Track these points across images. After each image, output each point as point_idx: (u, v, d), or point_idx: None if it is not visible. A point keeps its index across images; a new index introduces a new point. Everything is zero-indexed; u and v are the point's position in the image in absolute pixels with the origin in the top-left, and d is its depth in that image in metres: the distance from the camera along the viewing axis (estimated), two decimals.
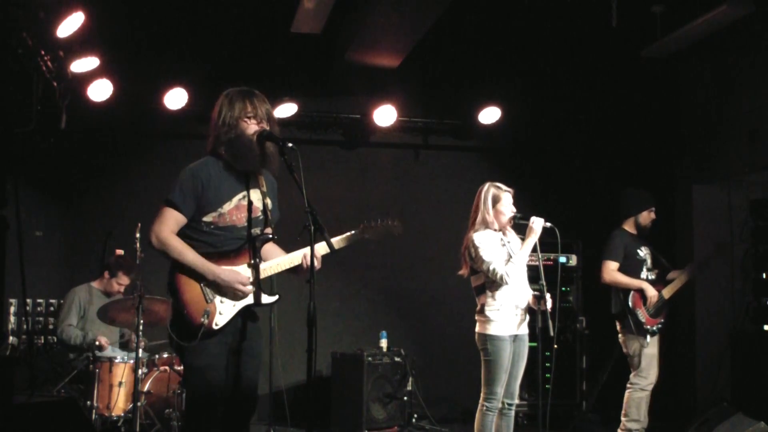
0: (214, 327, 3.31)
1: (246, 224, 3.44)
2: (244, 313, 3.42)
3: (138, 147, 7.05)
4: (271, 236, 3.51)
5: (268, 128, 3.45)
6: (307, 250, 3.33)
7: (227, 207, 3.41)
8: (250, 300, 3.41)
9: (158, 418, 5.37)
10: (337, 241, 3.53)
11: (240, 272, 3.38)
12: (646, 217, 5.73)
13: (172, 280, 3.36)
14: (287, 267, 3.48)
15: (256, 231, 3.46)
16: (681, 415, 6.43)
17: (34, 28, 5.21)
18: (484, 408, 4.52)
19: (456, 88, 7.59)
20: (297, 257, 3.45)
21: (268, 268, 3.45)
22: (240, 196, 3.45)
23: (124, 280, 6.07)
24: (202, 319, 3.28)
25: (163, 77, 6.59)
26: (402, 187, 7.65)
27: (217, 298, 3.36)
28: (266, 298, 3.44)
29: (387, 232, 3.71)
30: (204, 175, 3.40)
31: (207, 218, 3.39)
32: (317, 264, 3.32)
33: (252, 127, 3.42)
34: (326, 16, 6.25)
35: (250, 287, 3.38)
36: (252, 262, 3.41)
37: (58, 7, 5.28)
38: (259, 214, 3.49)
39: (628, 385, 5.53)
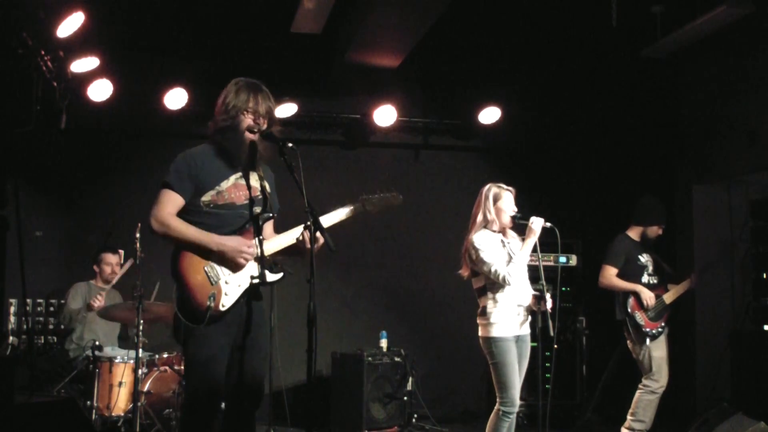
0: (221, 308, 3.31)
1: (245, 202, 3.45)
2: (249, 294, 3.41)
3: (138, 147, 7.04)
4: (271, 215, 3.52)
5: (264, 126, 3.47)
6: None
7: (225, 185, 3.42)
8: (255, 274, 3.40)
9: (158, 418, 5.37)
10: (337, 213, 3.57)
11: (242, 238, 3.38)
12: (655, 231, 5.74)
13: (175, 265, 3.35)
14: (288, 244, 3.48)
15: (256, 210, 3.47)
16: (681, 415, 6.43)
17: (34, 28, 5.22)
18: (501, 413, 4.42)
19: (456, 88, 7.59)
20: (297, 231, 3.43)
21: (269, 248, 3.45)
22: (237, 175, 3.47)
23: (112, 258, 6.09)
24: (209, 302, 3.27)
25: (163, 77, 6.59)
26: (402, 187, 7.56)
27: (222, 279, 3.35)
28: (271, 276, 3.44)
29: (387, 203, 3.76)
30: (199, 157, 3.44)
31: (206, 198, 3.39)
32: (321, 240, 3.31)
33: (247, 121, 3.44)
34: (326, 16, 6.25)
35: (254, 249, 3.37)
36: (256, 241, 3.40)
37: (58, 7, 5.28)
38: (258, 194, 3.50)
39: (640, 387, 5.55)
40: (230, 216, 3.41)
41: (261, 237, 3.41)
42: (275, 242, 3.48)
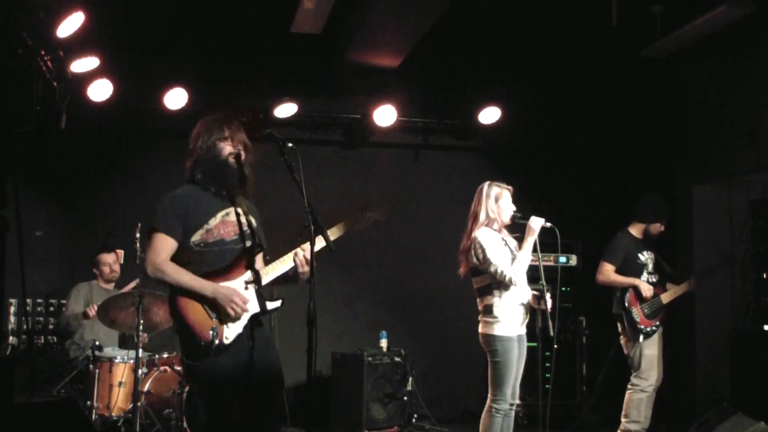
0: (225, 342, 3.32)
1: (234, 237, 3.47)
2: (252, 321, 3.43)
3: (138, 147, 7.05)
4: (259, 249, 3.54)
5: (243, 152, 3.51)
6: (300, 248, 3.39)
7: (213, 222, 3.45)
8: (255, 308, 3.42)
9: (158, 418, 5.37)
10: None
11: (238, 290, 3.38)
12: (657, 227, 5.73)
13: (173, 305, 3.37)
14: (281, 272, 3.50)
15: (247, 244, 3.49)
16: (681, 415, 6.43)
17: (34, 28, 5.21)
18: (493, 410, 4.43)
19: (456, 88, 7.59)
20: (288, 258, 3.47)
21: (264, 280, 3.47)
22: (224, 212, 3.50)
23: (108, 257, 6.10)
24: (212, 337, 3.28)
25: (163, 77, 6.58)
26: (402, 187, 7.65)
27: (222, 313, 3.36)
28: (270, 305, 3.47)
29: (372, 220, 3.76)
30: (184, 197, 3.46)
31: (195, 237, 3.41)
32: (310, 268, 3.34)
33: (227, 149, 3.49)
34: (326, 16, 6.26)
35: (247, 309, 3.38)
36: (251, 274, 3.43)
37: (58, 7, 5.28)
38: (245, 228, 3.53)
39: (629, 386, 5.52)
40: (221, 252, 3.43)
41: (256, 269, 3.44)
42: (269, 274, 3.49)
